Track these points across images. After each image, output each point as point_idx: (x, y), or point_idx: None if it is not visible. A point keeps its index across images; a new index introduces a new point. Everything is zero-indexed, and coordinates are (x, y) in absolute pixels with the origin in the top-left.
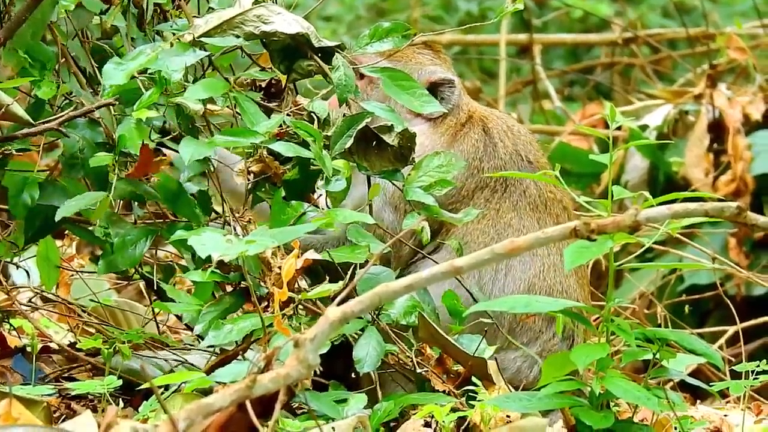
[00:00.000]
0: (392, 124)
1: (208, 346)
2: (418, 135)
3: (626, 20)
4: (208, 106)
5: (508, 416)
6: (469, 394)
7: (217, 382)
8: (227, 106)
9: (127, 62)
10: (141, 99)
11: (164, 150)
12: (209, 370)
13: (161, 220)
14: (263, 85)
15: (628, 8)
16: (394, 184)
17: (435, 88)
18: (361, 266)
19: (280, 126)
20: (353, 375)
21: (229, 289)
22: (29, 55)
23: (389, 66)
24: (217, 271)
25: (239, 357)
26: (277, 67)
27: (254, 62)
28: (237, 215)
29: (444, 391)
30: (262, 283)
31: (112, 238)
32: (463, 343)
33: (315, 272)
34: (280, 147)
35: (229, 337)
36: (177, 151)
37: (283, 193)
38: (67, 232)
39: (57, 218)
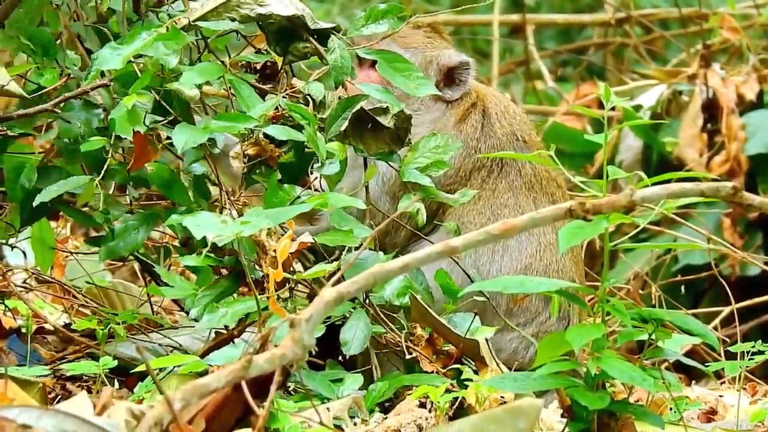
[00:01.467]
0: (388, 106)
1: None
2: (438, 118)
3: (619, 0)
4: (204, 87)
5: (502, 397)
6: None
7: (210, 365)
8: (222, 89)
9: (123, 47)
10: (133, 86)
11: (161, 133)
12: (204, 354)
13: (160, 204)
14: (257, 67)
15: None
16: (391, 166)
17: (452, 72)
18: (356, 249)
19: (276, 108)
20: (348, 356)
21: (224, 272)
22: (30, 40)
23: (385, 48)
24: (212, 255)
25: (234, 341)
26: (273, 49)
27: (249, 44)
28: (233, 198)
29: (434, 372)
30: (257, 266)
31: (112, 221)
32: (456, 323)
33: (313, 254)
34: (274, 131)
35: (223, 320)
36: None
37: (279, 176)
38: (61, 213)
39: (37, 202)
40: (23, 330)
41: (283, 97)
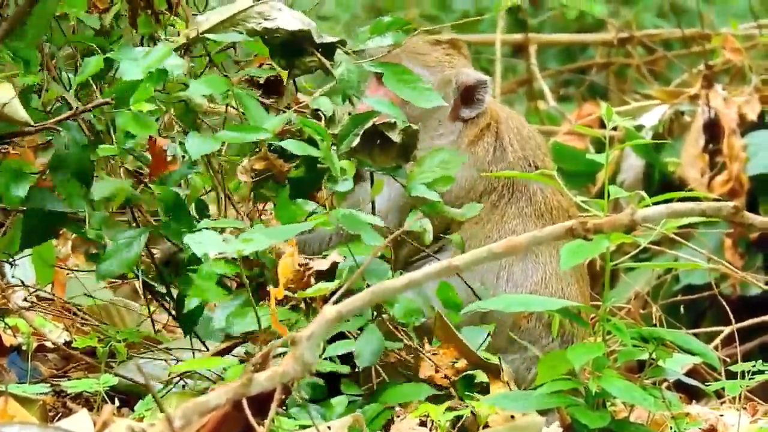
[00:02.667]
0: (395, 121)
1: (227, 336)
2: (454, 140)
3: (621, 20)
4: (208, 104)
5: (512, 416)
6: (466, 393)
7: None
8: (228, 105)
9: (142, 58)
10: (136, 93)
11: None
12: (218, 353)
13: (155, 220)
14: (261, 82)
15: (623, 8)
16: (396, 180)
17: (469, 91)
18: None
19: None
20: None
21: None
22: (13, 53)
23: (390, 61)
24: (238, 263)
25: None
26: (278, 63)
27: (253, 60)
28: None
29: (441, 387)
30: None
31: (106, 241)
32: (464, 335)
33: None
34: (289, 145)
35: (252, 325)
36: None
37: (288, 191)
38: (62, 231)
39: (97, 197)
40: (24, 347)
41: (293, 111)
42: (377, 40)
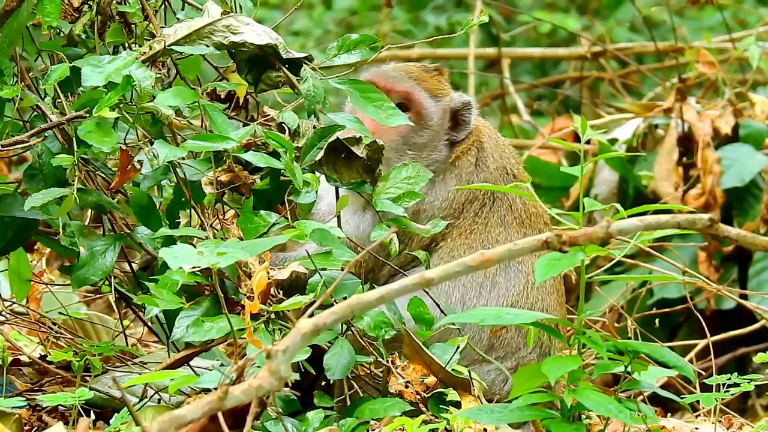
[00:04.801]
0: (361, 136)
1: (186, 344)
2: (444, 159)
3: (594, 34)
4: (174, 118)
5: (485, 429)
6: (440, 406)
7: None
8: (190, 120)
9: (104, 65)
10: (101, 101)
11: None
12: (173, 365)
13: (128, 228)
14: (222, 96)
15: (596, 22)
16: (362, 195)
17: (456, 114)
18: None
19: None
20: (324, 383)
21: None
22: None
23: (355, 78)
24: (198, 273)
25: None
26: (245, 78)
27: (219, 73)
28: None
29: (412, 402)
30: (239, 289)
31: (79, 248)
32: (434, 353)
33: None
34: (251, 157)
35: (209, 334)
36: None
37: (252, 203)
38: (37, 246)
39: (26, 208)
40: None
41: (258, 124)
42: (344, 57)
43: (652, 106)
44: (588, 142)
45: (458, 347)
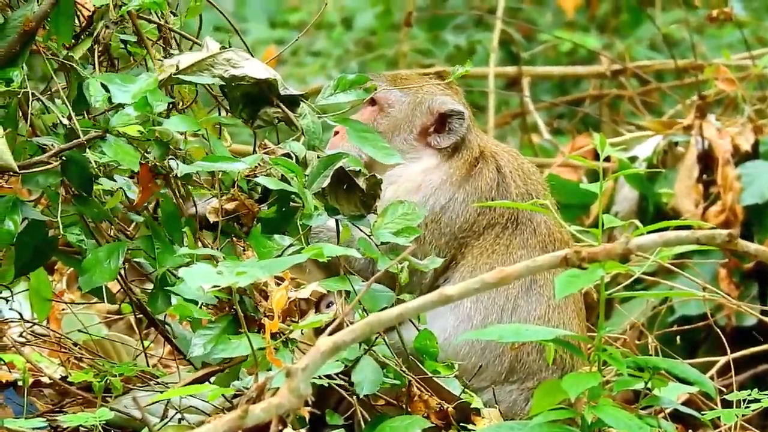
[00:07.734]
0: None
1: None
2: (427, 169)
3: (614, 53)
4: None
5: None
6: (461, 423)
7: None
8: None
9: (129, 84)
10: (118, 119)
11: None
12: (190, 384)
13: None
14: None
15: (616, 40)
16: (360, 230)
17: (444, 119)
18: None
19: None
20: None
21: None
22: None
23: (351, 118)
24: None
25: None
26: (238, 115)
27: (218, 102)
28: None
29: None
30: (258, 307)
31: (85, 247)
32: (448, 383)
33: None
34: (265, 181)
35: (237, 351)
36: None
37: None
38: (57, 266)
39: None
40: (20, 383)
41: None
42: (340, 96)
43: (672, 124)
44: (607, 159)
45: (454, 373)
